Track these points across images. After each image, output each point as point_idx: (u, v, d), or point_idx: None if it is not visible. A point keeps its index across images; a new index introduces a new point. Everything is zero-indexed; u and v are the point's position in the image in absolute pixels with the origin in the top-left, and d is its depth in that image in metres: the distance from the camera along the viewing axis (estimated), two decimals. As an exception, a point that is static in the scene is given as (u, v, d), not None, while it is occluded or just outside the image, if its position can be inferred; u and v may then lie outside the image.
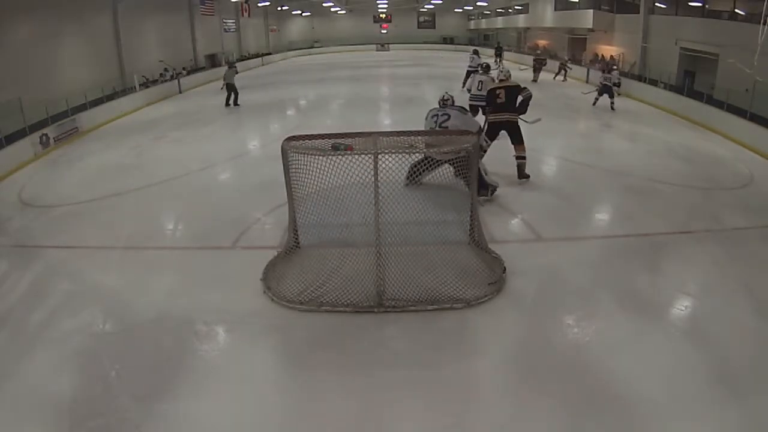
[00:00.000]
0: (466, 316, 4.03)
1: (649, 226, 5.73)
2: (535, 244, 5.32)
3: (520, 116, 6.99)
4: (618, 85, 14.15)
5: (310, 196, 4.49)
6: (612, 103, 12.72)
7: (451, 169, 5.15)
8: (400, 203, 4.28)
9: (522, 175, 7.03)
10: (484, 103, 7.67)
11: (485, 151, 6.93)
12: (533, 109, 7.23)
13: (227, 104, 14.03)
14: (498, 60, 21.53)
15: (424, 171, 5.24)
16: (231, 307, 4.24)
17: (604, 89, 12.82)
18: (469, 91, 9.84)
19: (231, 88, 14.03)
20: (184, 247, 5.53)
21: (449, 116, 6.29)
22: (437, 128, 6.23)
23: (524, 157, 6.99)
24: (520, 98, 6.90)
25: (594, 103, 13.16)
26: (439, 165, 5.29)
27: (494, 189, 6.32)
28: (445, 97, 6.63)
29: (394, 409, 3.17)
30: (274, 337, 3.92)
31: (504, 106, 6.85)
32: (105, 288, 4.67)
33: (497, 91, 6.93)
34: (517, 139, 6.93)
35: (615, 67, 15.39)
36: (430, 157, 5.19)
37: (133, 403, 3.23)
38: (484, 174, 6.12)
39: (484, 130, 6.91)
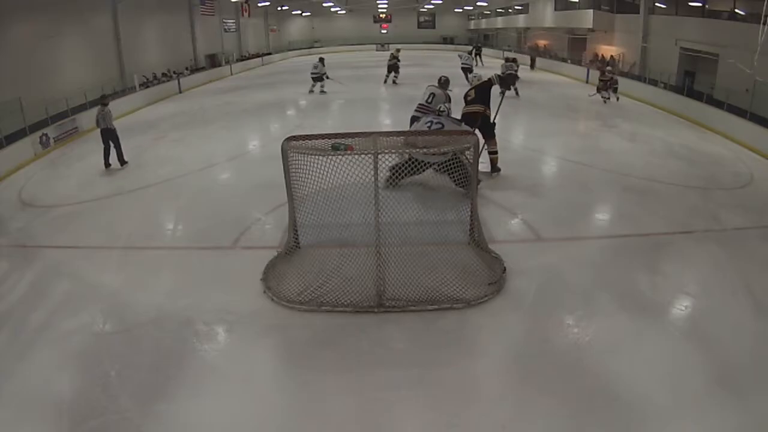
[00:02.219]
0: (466, 316, 4.03)
1: (649, 226, 5.73)
2: (535, 244, 5.32)
3: (506, 88, 7.33)
4: (615, 89, 14.08)
5: (310, 196, 4.49)
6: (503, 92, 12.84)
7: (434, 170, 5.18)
8: (400, 203, 4.29)
9: (494, 168, 7.28)
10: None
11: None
12: (538, 109, 7.20)
13: (107, 164, 8.52)
14: (477, 60, 20.95)
15: (406, 174, 5.23)
16: (231, 307, 4.24)
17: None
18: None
19: (109, 137, 8.55)
20: (184, 247, 5.53)
21: (443, 126, 6.45)
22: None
23: (496, 152, 7.28)
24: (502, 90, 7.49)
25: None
26: (423, 169, 5.32)
27: (477, 182, 6.35)
28: (441, 109, 6.86)
29: (394, 409, 3.17)
30: (274, 337, 3.92)
31: (474, 101, 7.16)
32: (105, 288, 4.67)
33: (468, 92, 7.38)
34: (489, 134, 7.12)
35: (610, 68, 15.33)
36: (414, 159, 5.20)
37: (133, 403, 3.23)
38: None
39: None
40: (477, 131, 6.90)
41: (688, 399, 3.18)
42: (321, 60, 16.04)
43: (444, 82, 8.25)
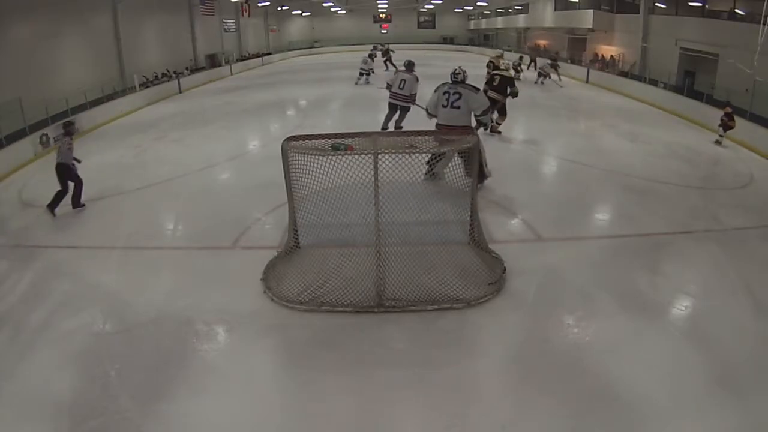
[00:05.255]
0: (466, 316, 4.03)
1: (649, 226, 5.73)
2: (535, 244, 5.32)
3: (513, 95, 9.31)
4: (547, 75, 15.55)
5: (310, 196, 4.49)
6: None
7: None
8: (400, 203, 4.28)
9: (491, 128, 8.90)
10: (404, 103, 8.97)
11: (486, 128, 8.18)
12: (537, 109, 7.24)
13: (55, 209, 6.44)
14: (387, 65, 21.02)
15: (439, 163, 5.27)
16: (231, 307, 4.24)
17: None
18: (389, 87, 9.23)
19: (64, 173, 6.54)
20: (184, 247, 5.52)
21: (460, 95, 6.28)
22: (449, 107, 6.31)
23: (500, 125, 9.39)
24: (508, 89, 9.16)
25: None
26: (451, 156, 5.13)
27: (486, 178, 6.58)
28: (456, 72, 6.58)
29: (394, 409, 3.17)
30: (274, 337, 3.92)
31: (497, 88, 9.07)
32: (105, 288, 4.67)
33: (494, 76, 9.36)
34: (502, 113, 9.35)
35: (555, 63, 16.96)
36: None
37: (133, 403, 3.23)
38: (485, 164, 6.40)
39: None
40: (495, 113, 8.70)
41: (688, 399, 3.18)
42: (371, 56, 16.85)
43: (408, 65, 9.40)
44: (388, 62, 20.47)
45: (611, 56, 18.73)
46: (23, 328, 4.11)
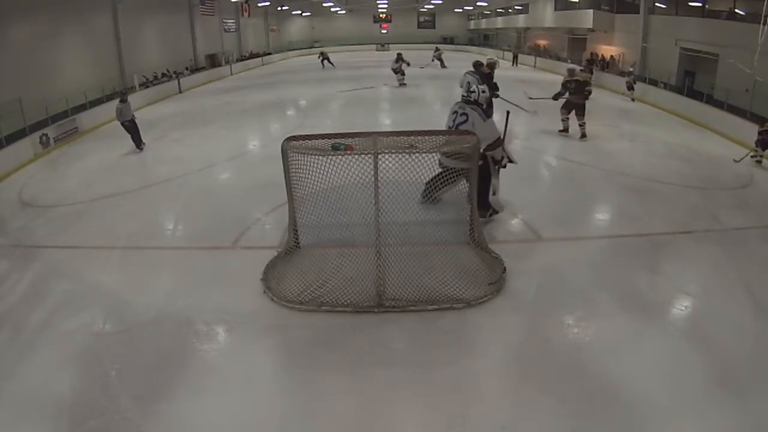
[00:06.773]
0: (466, 316, 4.03)
1: (649, 226, 5.72)
2: (535, 244, 5.32)
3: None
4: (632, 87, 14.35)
5: (310, 196, 4.49)
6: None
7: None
8: (400, 203, 4.28)
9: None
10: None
11: (504, 167, 5.73)
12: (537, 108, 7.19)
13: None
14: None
15: (442, 187, 4.90)
16: (231, 307, 4.23)
17: None
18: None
19: (132, 126, 9.93)
20: (184, 247, 5.52)
21: (467, 118, 5.47)
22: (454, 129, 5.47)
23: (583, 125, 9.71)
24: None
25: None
26: (458, 180, 4.85)
27: (494, 213, 5.72)
28: (471, 89, 5.75)
29: (394, 409, 3.17)
30: (274, 337, 3.92)
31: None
32: (105, 288, 4.67)
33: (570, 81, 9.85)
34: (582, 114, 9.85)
35: (630, 70, 15.56)
36: (447, 170, 4.83)
37: (133, 403, 3.23)
38: (492, 193, 5.58)
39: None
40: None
41: (688, 399, 3.18)
42: (399, 55, 16.87)
43: (476, 64, 9.13)
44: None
45: (611, 56, 18.73)
46: (23, 328, 4.11)
